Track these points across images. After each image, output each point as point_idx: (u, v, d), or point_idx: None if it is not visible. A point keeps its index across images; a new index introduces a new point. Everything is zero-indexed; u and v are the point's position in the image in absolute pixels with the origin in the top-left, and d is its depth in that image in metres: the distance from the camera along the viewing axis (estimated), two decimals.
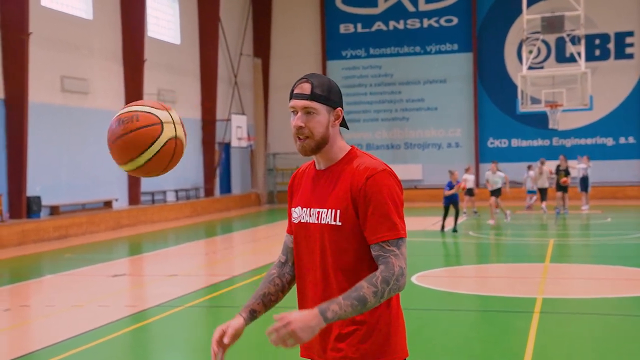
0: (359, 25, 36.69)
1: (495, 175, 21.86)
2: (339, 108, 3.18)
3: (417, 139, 36.26)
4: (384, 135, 36.65)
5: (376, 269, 2.94)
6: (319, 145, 3.08)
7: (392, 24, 36.30)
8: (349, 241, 2.98)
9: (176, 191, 29.36)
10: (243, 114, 34.18)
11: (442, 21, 35.81)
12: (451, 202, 19.35)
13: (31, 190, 20.86)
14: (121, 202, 25.55)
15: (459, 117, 35.71)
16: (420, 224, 22.61)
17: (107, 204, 24.72)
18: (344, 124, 3.24)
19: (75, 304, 11.31)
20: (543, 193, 25.69)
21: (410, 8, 36.06)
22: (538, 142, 34.70)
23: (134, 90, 25.82)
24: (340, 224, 2.98)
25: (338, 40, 36.89)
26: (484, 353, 8.07)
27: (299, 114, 3.06)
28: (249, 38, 36.37)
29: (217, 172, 32.62)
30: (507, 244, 18.72)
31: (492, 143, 35.40)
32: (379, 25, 36.42)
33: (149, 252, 19.23)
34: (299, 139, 3.07)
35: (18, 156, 20.28)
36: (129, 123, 3.14)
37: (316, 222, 3.05)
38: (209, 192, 31.76)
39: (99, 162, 24.26)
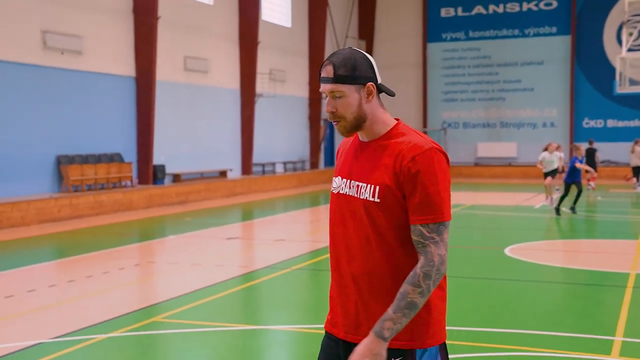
0: (460, 9, 36.16)
1: (553, 155, 19.32)
2: (370, 83, 2.76)
3: (512, 118, 35.62)
4: (481, 115, 36.13)
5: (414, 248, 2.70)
6: (356, 125, 2.77)
7: (492, 7, 35.64)
8: (388, 219, 2.69)
9: (284, 163, 29.84)
10: None
11: (542, 5, 34.91)
12: (575, 181, 17.52)
13: (157, 159, 21.72)
14: (235, 172, 26.20)
15: (554, 97, 34.86)
16: (513, 199, 22.39)
17: (223, 174, 25.41)
18: (388, 92, 2.86)
19: (195, 262, 11.77)
20: (635, 172, 25.14)
21: None
22: (635, 123, 33.51)
23: (248, 69, 26.33)
24: (378, 201, 2.68)
25: (439, 23, 36.50)
26: (576, 324, 7.81)
27: (329, 98, 2.75)
28: (354, 21, 36.43)
29: (322, 146, 32.95)
30: (601, 221, 18.16)
31: (587, 123, 34.39)
32: (479, 9, 35.82)
33: (259, 218, 19.65)
34: (335, 122, 2.79)
35: (146, 129, 21.11)
36: None
37: (356, 195, 2.76)
38: (314, 164, 32.14)
39: (216, 135, 25.01)
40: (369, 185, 2.71)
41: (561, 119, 34.87)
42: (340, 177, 2.87)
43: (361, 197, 2.73)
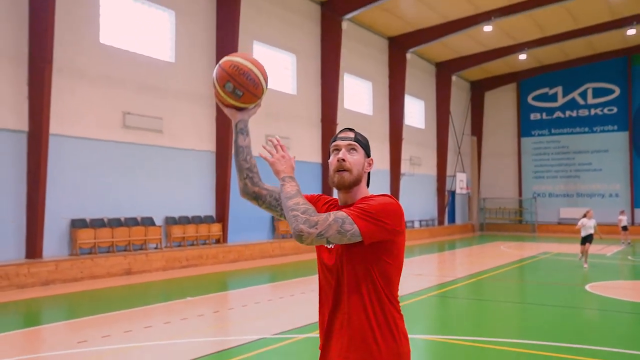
0: (544, 114, 34.62)
1: (590, 221, 15.46)
2: (371, 158, 2.28)
3: (586, 190, 33.24)
4: (561, 188, 34.00)
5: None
6: (355, 181, 2.18)
7: (567, 112, 33.86)
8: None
9: (420, 221, 29.42)
10: (463, 172, 33.55)
11: (605, 110, 32.76)
12: None
13: None
14: None
15: (618, 175, 32.27)
16: (589, 249, 20.66)
17: None
18: (368, 181, 2.29)
19: None
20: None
21: (581, 102, 33.43)
22: None
23: (395, 156, 26.38)
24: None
25: (529, 124, 35.06)
26: None
27: (343, 150, 2.20)
28: (468, 122, 35.78)
29: (446, 209, 32.24)
30: None
31: None
32: (558, 114, 34.13)
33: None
34: (339, 171, 2.17)
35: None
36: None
37: None
38: (440, 221, 31.43)
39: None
40: None
41: (623, 191, 32.11)
42: None
43: None
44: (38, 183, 12.26)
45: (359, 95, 24.97)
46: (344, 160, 2.18)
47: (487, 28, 24.97)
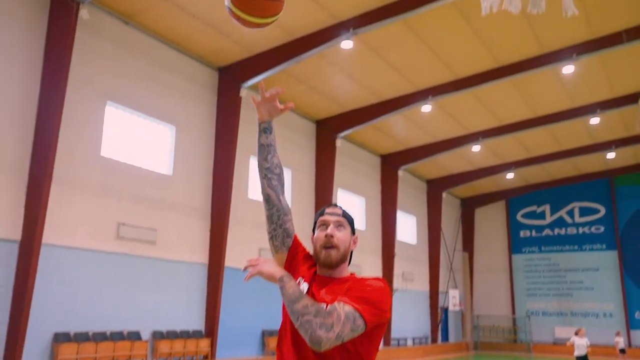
0: (533, 231, 34.79)
1: (582, 339, 14.80)
2: (356, 236, 2.27)
3: (579, 309, 32.48)
4: (555, 306, 33.28)
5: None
6: (342, 259, 2.17)
7: (556, 230, 34.06)
8: None
9: (413, 338, 28.38)
10: (456, 288, 32.97)
11: (592, 229, 33.00)
12: None
13: None
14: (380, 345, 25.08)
15: (610, 294, 31.71)
16: None
17: None
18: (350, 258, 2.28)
19: None
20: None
21: (569, 220, 33.76)
22: None
23: (388, 271, 26.00)
24: None
25: (519, 241, 35.11)
26: None
27: (331, 226, 2.19)
28: (459, 239, 35.77)
29: (440, 326, 31.25)
30: None
31: (639, 315, 30.76)
32: (547, 232, 34.30)
33: None
34: (326, 248, 2.16)
35: None
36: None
37: None
38: (434, 339, 30.32)
39: None
40: None
41: (617, 311, 31.37)
42: None
43: None
44: (24, 295, 11.80)
45: (351, 210, 25.10)
46: (332, 236, 2.15)
47: (476, 148, 25.82)
